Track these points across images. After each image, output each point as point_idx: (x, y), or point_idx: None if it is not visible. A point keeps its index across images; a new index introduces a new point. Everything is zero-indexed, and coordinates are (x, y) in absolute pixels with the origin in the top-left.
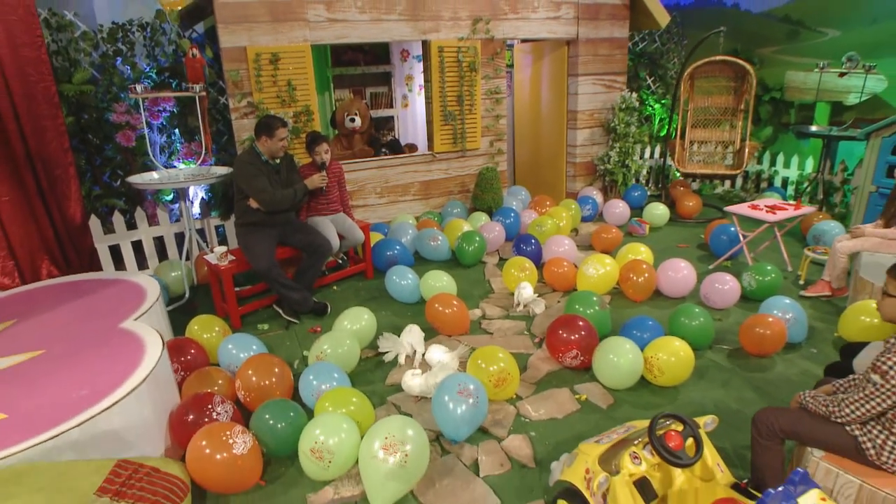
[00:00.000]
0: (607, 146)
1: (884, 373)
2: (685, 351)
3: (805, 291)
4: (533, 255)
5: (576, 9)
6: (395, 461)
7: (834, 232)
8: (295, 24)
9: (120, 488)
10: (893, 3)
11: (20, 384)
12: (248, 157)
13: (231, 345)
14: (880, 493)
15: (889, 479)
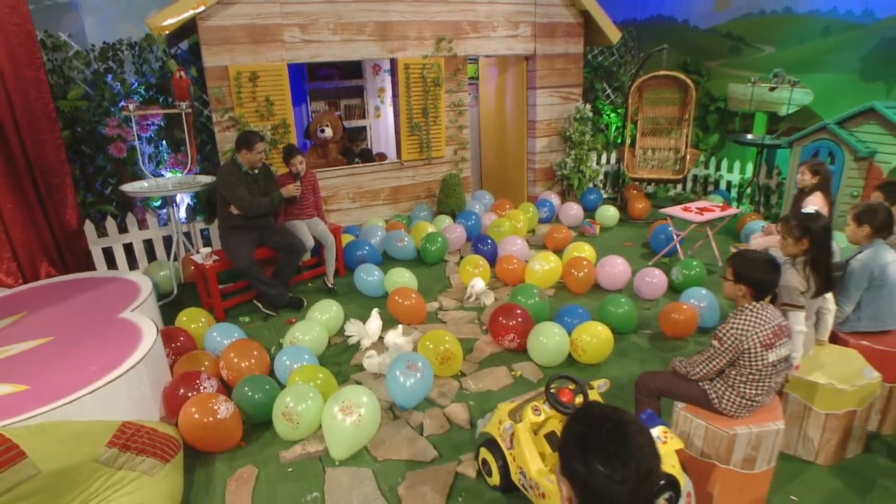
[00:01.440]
0: (564, 153)
1: (720, 339)
2: (606, 333)
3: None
4: (489, 253)
5: (533, 27)
6: (351, 421)
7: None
8: (272, 44)
9: (126, 442)
10: (818, 25)
11: (36, 363)
12: (229, 168)
13: (216, 333)
14: (720, 431)
15: (727, 421)
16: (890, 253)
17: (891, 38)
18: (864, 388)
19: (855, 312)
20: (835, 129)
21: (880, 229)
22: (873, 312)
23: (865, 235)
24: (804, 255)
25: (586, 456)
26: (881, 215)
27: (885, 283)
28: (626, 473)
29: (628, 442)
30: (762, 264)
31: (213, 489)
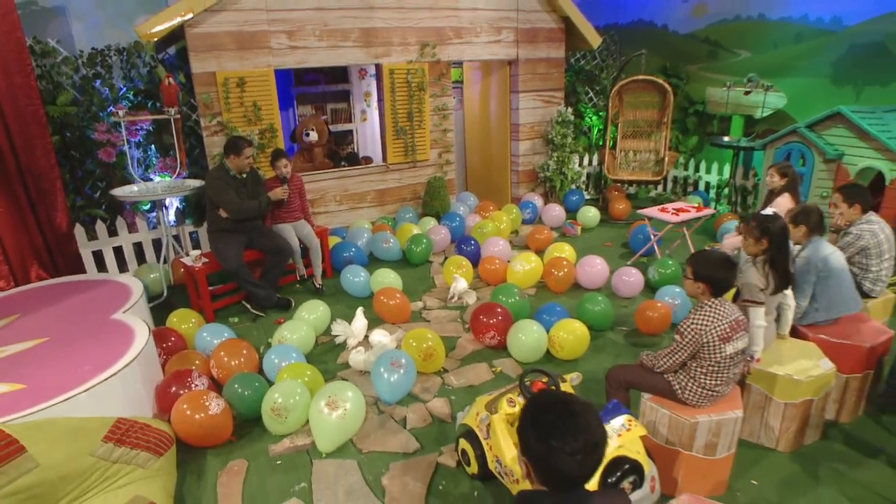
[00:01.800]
0: (547, 156)
1: (681, 333)
2: (582, 330)
3: None
4: (472, 254)
5: (515, 33)
6: (337, 415)
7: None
8: (259, 51)
9: (121, 437)
10: (790, 31)
11: (32, 363)
12: (218, 173)
13: (206, 333)
14: (683, 420)
15: (690, 410)
16: (828, 246)
17: (859, 45)
18: (819, 378)
19: (812, 304)
20: (805, 132)
21: (815, 228)
22: (827, 302)
23: (803, 234)
24: (763, 254)
25: (541, 434)
26: (814, 216)
27: (830, 274)
28: (576, 446)
29: (577, 420)
30: (718, 263)
31: (204, 482)
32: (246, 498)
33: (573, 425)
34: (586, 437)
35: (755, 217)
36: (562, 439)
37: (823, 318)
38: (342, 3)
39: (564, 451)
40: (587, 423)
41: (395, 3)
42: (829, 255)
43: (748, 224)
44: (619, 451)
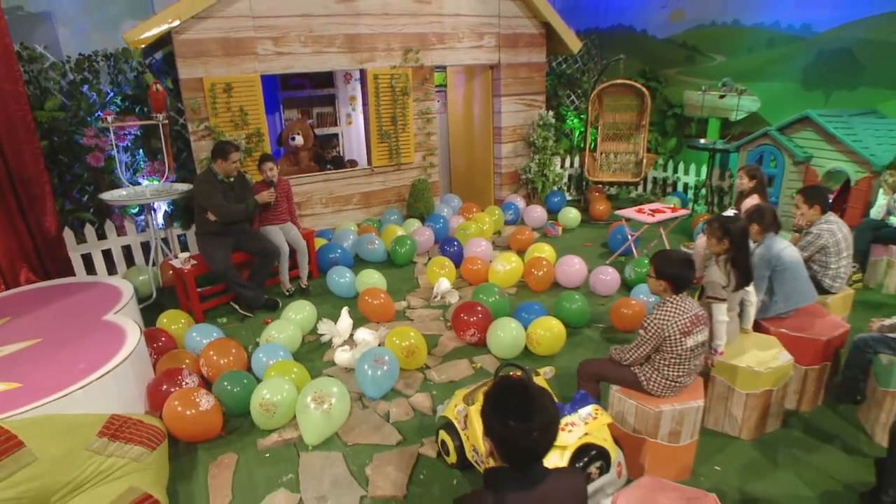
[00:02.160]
0: (528, 158)
1: (645, 328)
2: (559, 328)
3: None
4: (455, 255)
5: (497, 38)
6: (323, 409)
7: None
8: (246, 57)
9: (115, 432)
10: (763, 37)
11: (27, 363)
12: (206, 177)
13: (195, 333)
14: (648, 409)
15: (654, 400)
16: (781, 242)
17: (827, 51)
18: (777, 370)
19: (772, 297)
20: (775, 135)
21: (768, 226)
22: (785, 294)
23: (756, 232)
24: (725, 253)
25: (501, 415)
26: (767, 215)
27: (786, 267)
28: (532, 426)
29: (533, 402)
30: (678, 262)
31: (196, 474)
32: (236, 489)
33: (529, 407)
34: (541, 418)
35: (717, 218)
36: (519, 419)
37: (783, 310)
38: (327, 9)
39: (522, 429)
40: (542, 406)
41: (379, 10)
42: (782, 251)
43: (711, 225)
44: (587, 438)
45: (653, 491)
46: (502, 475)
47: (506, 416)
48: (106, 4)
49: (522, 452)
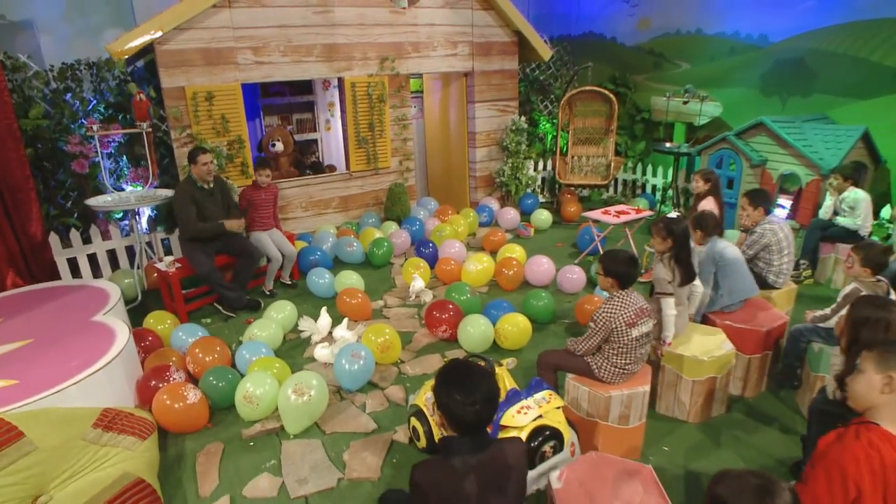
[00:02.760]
0: (502, 162)
1: (595, 321)
2: (525, 323)
3: (641, 277)
4: (430, 256)
5: (471, 46)
6: (303, 400)
7: None
8: (226, 66)
9: (108, 424)
10: (724, 46)
11: (22, 361)
12: (185, 185)
13: (181, 332)
14: (599, 395)
15: (605, 387)
16: (721, 242)
17: (783, 60)
18: (720, 358)
19: (717, 292)
20: (733, 139)
21: (711, 231)
22: (729, 288)
23: (700, 237)
24: (669, 251)
25: (449, 390)
26: (710, 222)
27: (727, 263)
28: (474, 398)
29: (475, 379)
30: (624, 261)
31: (184, 462)
32: (222, 475)
33: (472, 383)
34: (482, 392)
35: (662, 220)
36: (464, 393)
37: (728, 303)
38: (305, 20)
39: (466, 402)
40: (483, 382)
41: (355, 21)
42: (723, 249)
43: (656, 226)
44: (541, 420)
45: (596, 464)
46: (452, 442)
47: (451, 389)
48: (87, 13)
49: (467, 422)
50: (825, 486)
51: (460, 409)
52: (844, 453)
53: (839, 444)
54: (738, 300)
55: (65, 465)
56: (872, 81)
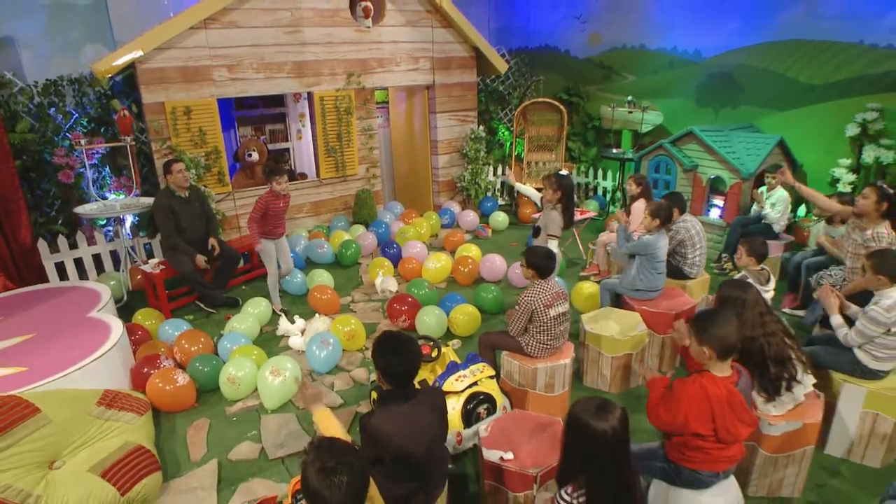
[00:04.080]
0: (463, 168)
1: (519, 304)
2: (475, 313)
3: (583, 272)
4: (394, 256)
5: (431, 61)
6: (279, 380)
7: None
8: (203, 83)
9: (110, 402)
10: (665, 60)
11: (28, 352)
12: (164, 196)
13: (168, 326)
14: (527, 367)
15: (533, 360)
16: (664, 239)
17: (714, 74)
18: (634, 337)
19: (637, 276)
20: (668, 146)
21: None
22: (646, 282)
23: (655, 225)
24: (559, 201)
25: (383, 353)
26: (664, 212)
27: (658, 258)
28: (402, 359)
29: (402, 344)
30: (542, 255)
31: (176, 435)
32: (210, 443)
33: (401, 346)
34: (408, 352)
35: (553, 175)
36: (393, 354)
37: (641, 287)
38: (276, 39)
39: (397, 361)
40: (409, 346)
41: (323, 39)
42: (660, 244)
43: (549, 179)
44: (476, 387)
45: (517, 418)
46: (389, 394)
47: (385, 353)
48: (67, 30)
49: (398, 376)
50: (666, 410)
51: (393, 368)
52: (683, 390)
53: (682, 384)
54: (651, 289)
55: (75, 435)
56: (789, 95)
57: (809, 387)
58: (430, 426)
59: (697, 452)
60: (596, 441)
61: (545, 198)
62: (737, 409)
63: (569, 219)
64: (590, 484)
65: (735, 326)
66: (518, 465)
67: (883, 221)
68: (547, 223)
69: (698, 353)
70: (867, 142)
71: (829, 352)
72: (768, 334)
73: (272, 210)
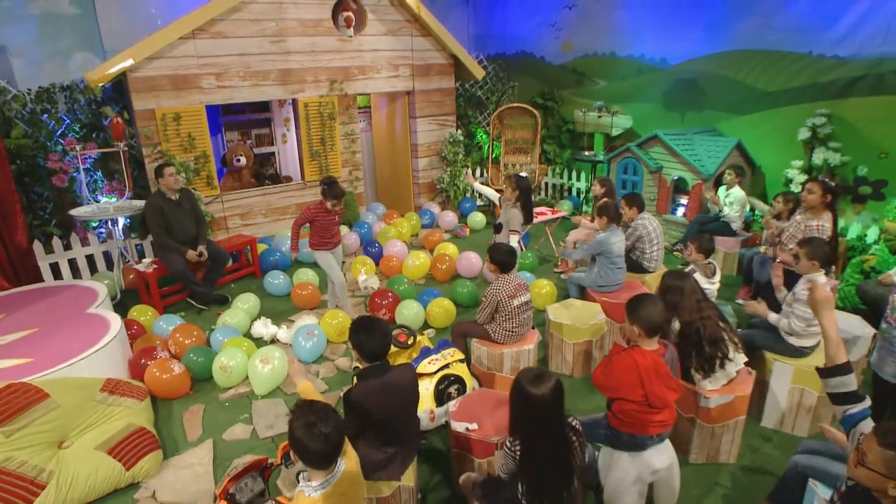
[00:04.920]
0: (442, 170)
1: (485, 296)
2: (450, 306)
3: (555, 269)
4: (376, 254)
5: (411, 68)
6: (268, 368)
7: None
8: (192, 90)
9: (112, 389)
10: (633, 66)
11: (32, 345)
12: (155, 199)
13: (162, 322)
14: (495, 352)
15: (500, 346)
16: (617, 235)
17: (680, 80)
18: (593, 326)
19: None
20: (635, 149)
21: (612, 219)
22: (606, 278)
23: (604, 223)
24: (518, 199)
25: (359, 334)
26: (612, 210)
27: (612, 253)
28: (373, 337)
29: (375, 325)
30: (504, 252)
31: (173, 420)
32: (205, 426)
33: (372, 326)
34: (381, 334)
35: (513, 176)
36: (368, 334)
37: (605, 283)
38: (262, 49)
39: (371, 339)
40: (382, 327)
41: (307, 48)
42: (613, 241)
43: (509, 179)
44: (447, 370)
45: (482, 395)
46: (365, 371)
47: (360, 334)
48: (57, 37)
49: (373, 353)
50: (603, 374)
51: (366, 344)
52: (618, 360)
53: (618, 355)
54: (611, 283)
55: (81, 418)
56: (747, 101)
57: (741, 364)
58: (403, 396)
59: (631, 417)
60: (530, 403)
61: (505, 196)
62: (663, 377)
63: (527, 215)
64: (525, 438)
65: (660, 310)
66: (481, 435)
67: (826, 212)
68: (508, 220)
69: (629, 330)
70: (817, 145)
71: (762, 335)
72: (704, 318)
73: (321, 222)
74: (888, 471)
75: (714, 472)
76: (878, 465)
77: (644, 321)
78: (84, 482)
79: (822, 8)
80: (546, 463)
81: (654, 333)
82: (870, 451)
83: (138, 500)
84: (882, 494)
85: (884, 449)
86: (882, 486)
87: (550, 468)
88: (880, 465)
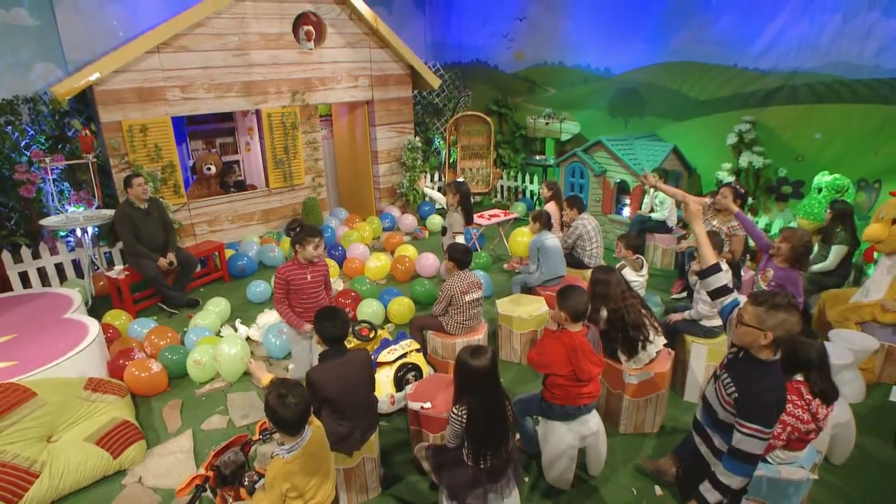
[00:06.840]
0: (402, 175)
1: (441, 290)
2: (409, 304)
3: (506, 266)
4: (339, 257)
5: (370, 79)
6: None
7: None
8: (158, 102)
9: (95, 387)
10: (580, 76)
11: (15, 349)
12: (124, 208)
13: (136, 325)
14: (448, 342)
15: (453, 337)
16: (545, 234)
17: (623, 89)
18: (538, 317)
19: (539, 270)
20: (581, 154)
21: (543, 225)
22: (547, 270)
23: (537, 228)
24: (458, 203)
25: (321, 321)
26: (543, 218)
27: (547, 248)
28: (333, 324)
29: (336, 314)
30: (461, 251)
31: (153, 415)
32: (184, 418)
33: (333, 315)
34: (341, 321)
35: (453, 182)
36: (330, 321)
37: (547, 278)
38: (226, 62)
39: (332, 326)
40: (339, 315)
41: (269, 61)
42: (545, 240)
43: (449, 186)
44: (405, 359)
45: (435, 379)
46: (326, 353)
47: (322, 321)
48: (17, 48)
49: (333, 338)
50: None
51: (327, 330)
52: (549, 340)
53: (549, 336)
54: (553, 277)
55: (67, 414)
56: (683, 108)
57: (660, 346)
58: (358, 375)
59: (561, 390)
60: (471, 373)
61: (448, 202)
62: (587, 353)
63: (467, 217)
64: (469, 404)
65: (585, 299)
66: (434, 412)
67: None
68: (451, 223)
69: (558, 316)
70: (744, 149)
71: (684, 321)
72: (628, 306)
73: (295, 284)
74: (759, 322)
75: (640, 440)
76: (752, 320)
77: (570, 308)
78: (75, 470)
79: (745, 25)
80: (489, 421)
81: (579, 319)
82: (745, 312)
83: (126, 486)
84: (757, 348)
85: (755, 307)
86: (756, 339)
87: (493, 425)
88: (753, 319)
